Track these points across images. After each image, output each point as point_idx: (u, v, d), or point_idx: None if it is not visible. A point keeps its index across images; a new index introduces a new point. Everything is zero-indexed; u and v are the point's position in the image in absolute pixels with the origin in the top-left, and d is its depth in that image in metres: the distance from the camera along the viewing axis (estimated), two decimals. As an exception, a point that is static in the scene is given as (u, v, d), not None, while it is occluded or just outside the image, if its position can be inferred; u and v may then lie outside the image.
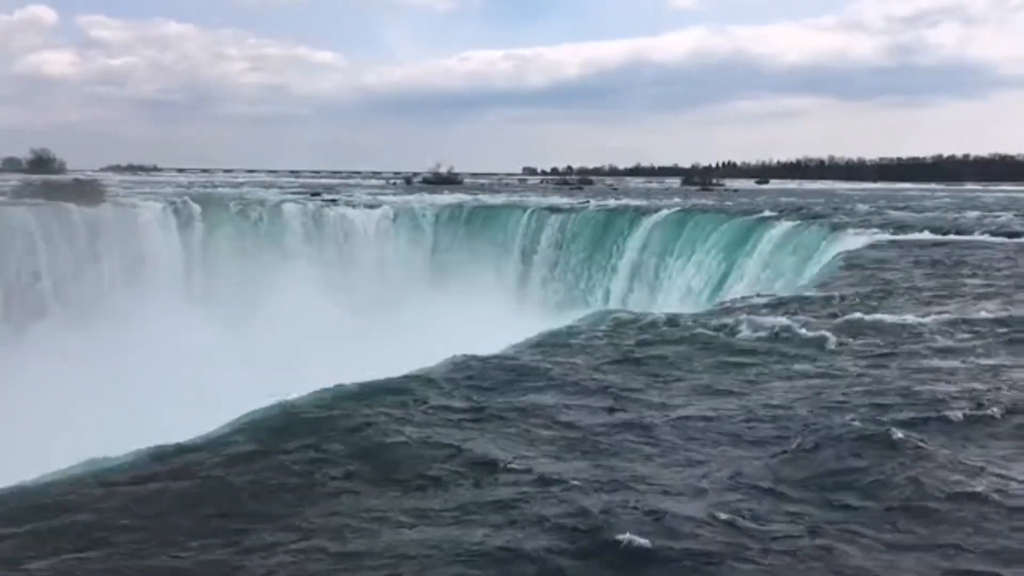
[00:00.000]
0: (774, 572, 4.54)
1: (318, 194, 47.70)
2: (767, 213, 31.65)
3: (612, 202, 42.77)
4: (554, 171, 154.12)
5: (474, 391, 7.95)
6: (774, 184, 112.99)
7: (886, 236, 23.42)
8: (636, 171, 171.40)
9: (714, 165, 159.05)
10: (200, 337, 26.54)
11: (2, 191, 36.25)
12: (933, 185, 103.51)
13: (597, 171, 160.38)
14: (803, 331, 10.38)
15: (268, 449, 6.24)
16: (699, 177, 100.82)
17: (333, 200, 42.86)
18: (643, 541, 4.73)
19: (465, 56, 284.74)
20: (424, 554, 4.70)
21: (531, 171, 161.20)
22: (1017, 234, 23.31)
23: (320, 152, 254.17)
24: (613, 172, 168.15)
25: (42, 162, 66.80)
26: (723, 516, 5.12)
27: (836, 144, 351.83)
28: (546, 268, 36.47)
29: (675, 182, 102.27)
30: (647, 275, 31.76)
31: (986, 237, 23.17)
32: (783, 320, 10.96)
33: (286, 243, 36.79)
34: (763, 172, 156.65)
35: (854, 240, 22.83)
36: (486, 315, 28.07)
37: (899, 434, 6.35)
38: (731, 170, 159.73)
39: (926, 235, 23.71)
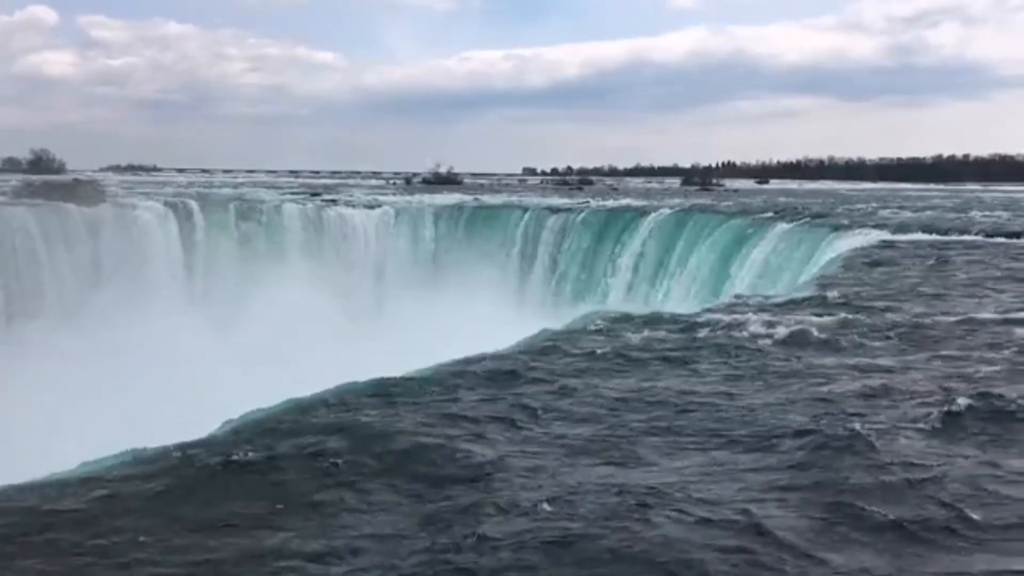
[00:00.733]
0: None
1: (318, 194, 47.65)
2: (765, 214, 31.70)
3: (612, 202, 42.79)
4: (554, 171, 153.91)
5: (464, 393, 8.03)
6: (774, 184, 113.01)
7: (884, 237, 23.52)
8: (636, 171, 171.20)
9: (714, 165, 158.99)
10: (199, 337, 26.60)
11: (2, 191, 36.28)
12: (933, 185, 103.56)
13: (597, 171, 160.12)
14: (789, 331, 10.53)
15: (265, 450, 6.31)
16: (699, 177, 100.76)
17: (333, 200, 42.89)
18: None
19: (465, 56, 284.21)
20: (415, 551, 4.77)
21: (531, 171, 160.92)
22: (1016, 235, 23.43)
23: (320, 152, 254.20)
24: (613, 172, 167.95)
25: (42, 162, 66.78)
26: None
27: (836, 144, 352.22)
28: (546, 268, 36.55)
29: (675, 182, 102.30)
30: (646, 275, 31.83)
31: (981, 238, 23.34)
32: (771, 320, 11.12)
33: (286, 244, 36.85)
34: (763, 172, 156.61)
35: (851, 241, 22.94)
36: (486, 315, 28.10)
37: (853, 432, 6.63)
38: (731, 170, 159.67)
39: (922, 236, 23.83)
